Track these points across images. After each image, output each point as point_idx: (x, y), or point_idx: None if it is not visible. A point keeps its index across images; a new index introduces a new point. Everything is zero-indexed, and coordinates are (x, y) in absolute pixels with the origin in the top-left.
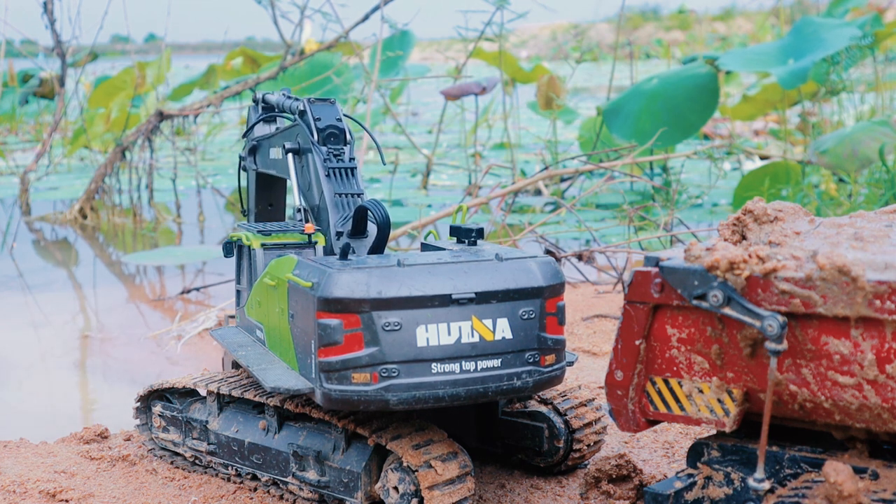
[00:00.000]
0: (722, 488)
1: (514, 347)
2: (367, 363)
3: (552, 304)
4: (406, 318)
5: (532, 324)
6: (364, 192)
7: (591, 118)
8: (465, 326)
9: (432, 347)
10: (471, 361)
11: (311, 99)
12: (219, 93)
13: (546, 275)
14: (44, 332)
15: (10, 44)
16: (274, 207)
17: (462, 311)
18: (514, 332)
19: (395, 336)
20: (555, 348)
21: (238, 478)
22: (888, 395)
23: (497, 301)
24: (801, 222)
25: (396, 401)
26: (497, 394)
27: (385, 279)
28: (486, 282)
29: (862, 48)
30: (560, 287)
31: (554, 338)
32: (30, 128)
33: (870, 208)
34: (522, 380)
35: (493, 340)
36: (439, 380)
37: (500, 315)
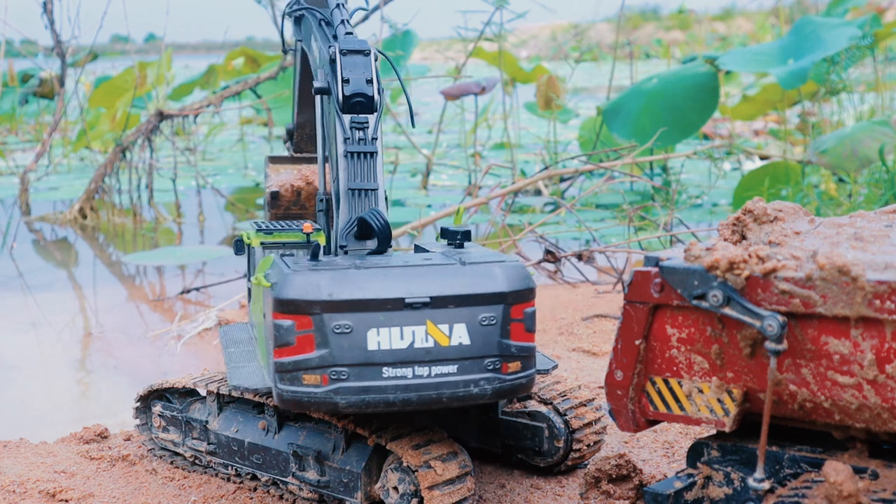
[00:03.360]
0: (722, 488)
1: (472, 353)
2: (317, 365)
3: (518, 310)
4: (357, 321)
5: (493, 330)
6: (379, 187)
7: (591, 118)
8: (418, 331)
9: (384, 351)
10: (424, 367)
11: (343, 49)
12: (219, 93)
13: (510, 280)
14: (44, 332)
15: (10, 44)
16: (312, 131)
17: (416, 316)
18: (473, 337)
19: (346, 339)
20: (520, 356)
21: (238, 478)
22: (888, 395)
23: (454, 306)
24: (801, 222)
25: (345, 404)
26: (452, 400)
27: (337, 281)
28: (443, 286)
29: (861, 48)
30: (527, 293)
31: (519, 345)
32: (30, 128)
33: (870, 208)
34: (480, 387)
35: (448, 346)
36: (390, 384)
37: (457, 320)
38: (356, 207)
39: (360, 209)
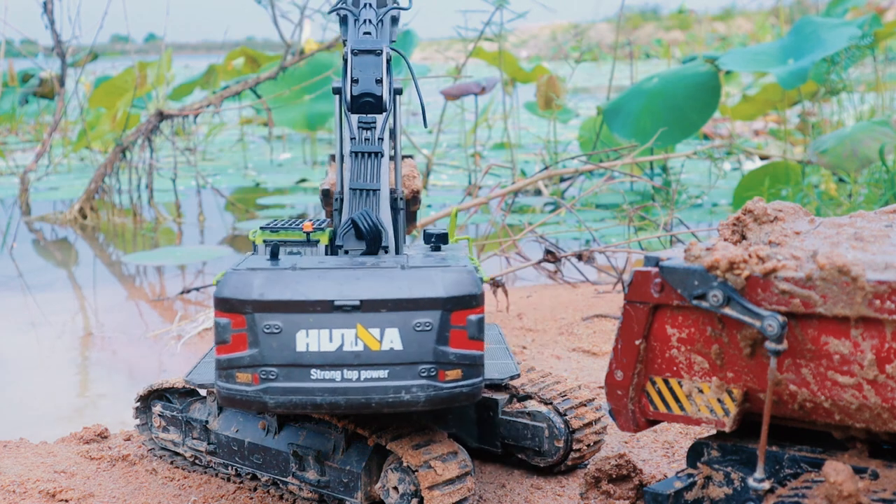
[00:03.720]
0: (722, 488)
1: (405, 359)
2: (248, 364)
3: (459, 316)
4: (287, 321)
5: (428, 336)
6: (382, 188)
7: (591, 118)
8: (348, 334)
9: (312, 353)
10: (353, 371)
11: (354, 49)
12: (219, 93)
13: (450, 286)
14: (44, 332)
15: (10, 44)
16: None
17: (346, 319)
18: (406, 343)
19: (276, 339)
20: (461, 364)
21: (238, 478)
22: (888, 395)
23: (386, 310)
24: (801, 222)
25: (274, 404)
26: (382, 406)
27: (270, 282)
28: (376, 290)
29: (861, 48)
30: (469, 299)
31: (460, 353)
32: (30, 128)
33: (870, 208)
34: (412, 394)
35: (379, 350)
36: (318, 387)
37: (389, 325)
38: (357, 207)
39: (361, 209)
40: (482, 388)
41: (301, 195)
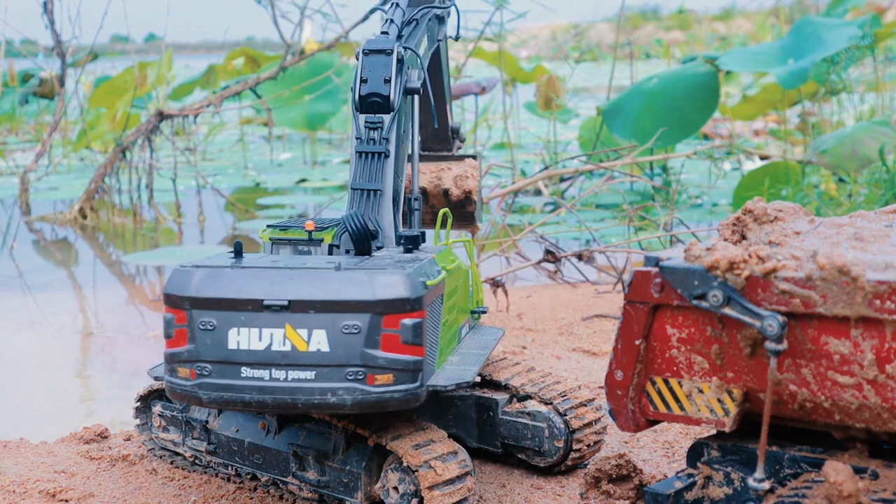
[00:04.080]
0: (722, 488)
1: (332, 361)
2: (186, 359)
3: (391, 320)
4: (220, 319)
5: (356, 339)
6: (385, 188)
7: (591, 118)
8: (277, 334)
9: (243, 351)
10: (281, 370)
11: (366, 49)
12: (219, 93)
13: (381, 289)
14: (44, 332)
15: (10, 44)
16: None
17: (275, 318)
18: (333, 345)
19: (210, 336)
20: (392, 368)
21: (238, 478)
22: (888, 395)
23: (315, 311)
24: (801, 222)
25: (207, 399)
26: (308, 407)
27: (208, 279)
28: (305, 291)
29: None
30: (402, 303)
31: (391, 357)
32: (30, 128)
33: (870, 208)
34: (339, 396)
35: (306, 351)
36: (247, 384)
37: (317, 326)
38: (357, 207)
39: (363, 209)
40: (420, 395)
41: (301, 195)
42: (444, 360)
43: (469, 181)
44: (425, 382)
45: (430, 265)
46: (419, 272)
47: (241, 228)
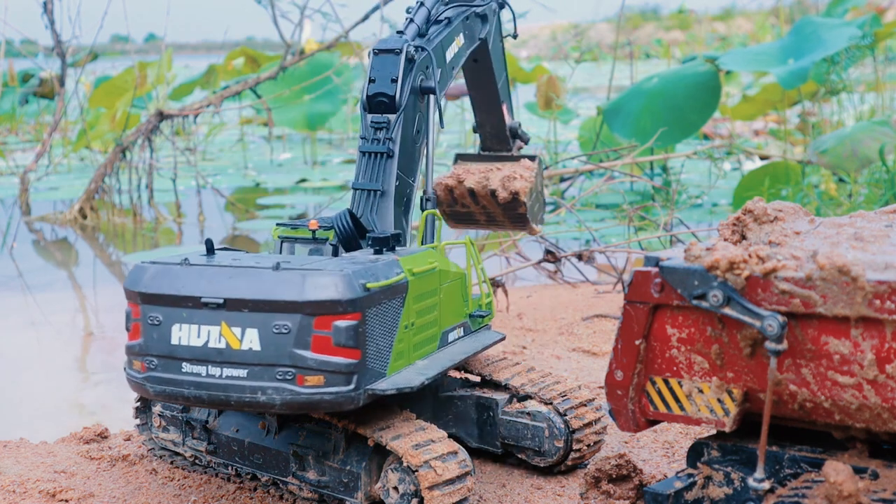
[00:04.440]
0: (722, 488)
1: (262, 360)
2: (138, 352)
3: (323, 322)
4: (165, 314)
5: (286, 339)
6: (387, 189)
7: (591, 118)
8: (213, 331)
9: (183, 347)
10: (216, 367)
11: (376, 49)
12: (219, 93)
13: (312, 290)
14: (44, 332)
15: (10, 44)
16: (493, 129)
17: (212, 316)
18: (264, 344)
19: (157, 331)
20: (322, 370)
21: (238, 478)
22: (888, 395)
23: (248, 310)
24: (801, 222)
25: (154, 392)
26: (240, 405)
27: (157, 276)
28: (240, 289)
29: (861, 48)
30: (334, 305)
31: (321, 359)
32: (30, 128)
33: (870, 208)
34: (268, 396)
35: (238, 349)
36: (186, 379)
37: (249, 325)
38: (358, 207)
39: (362, 208)
40: (355, 398)
41: (301, 195)
42: (405, 364)
43: (517, 182)
44: (364, 386)
45: (386, 267)
46: (362, 274)
47: (241, 228)
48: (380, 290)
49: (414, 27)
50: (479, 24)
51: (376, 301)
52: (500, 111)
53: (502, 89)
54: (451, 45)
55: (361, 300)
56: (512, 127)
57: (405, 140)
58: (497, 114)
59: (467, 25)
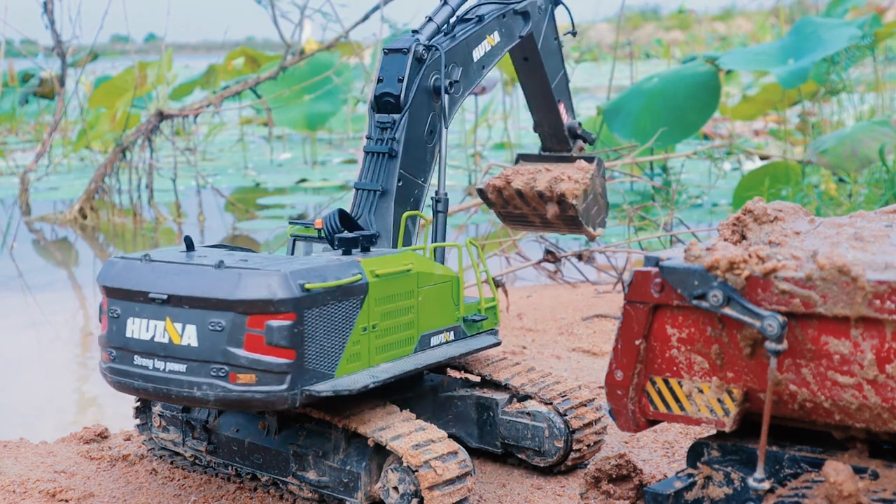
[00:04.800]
0: (722, 488)
1: (199, 357)
2: (104, 343)
3: (256, 321)
4: (123, 308)
5: (220, 336)
6: (388, 189)
7: (591, 118)
8: (159, 326)
9: (135, 340)
10: (161, 361)
11: (387, 48)
12: (219, 93)
13: (245, 289)
14: (44, 332)
15: (10, 44)
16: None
17: (158, 311)
18: (201, 341)
19: (116, 323)
20: (254, 368)
21: (238, 478)
22: (888, 395)
23: (189, 307)
24: (801, 222)
25: (112, 382)
26: (179, 399)
27: (120, 271)
28: (181, 286)
29: (861, 48)
30: (267, 304)
31: (253, 357)
32: (30, 128)
33: (870, 208)
34: (203, 391)
35: (179, 345)
36: (137, 372)
37: (189, 321)
38: (359, 206)
39: (361, 208)
40: (288, 398)
41: (301, 195)
42: (362, 366)
43: (563, 184)
44: (300, 386)
45: (340, 268)
46: (303, 274)
47: (241, 228)
48: (323, 290)
49: (432, 26)
50: (519, 22)
51: (319, 302)
52: (555, 110)
53: (557, 88)
54: (481, 43)
55: (298, 300)
56: (570, 126)
57: (413, 140)
58: (553, 113)
59: (503, 23)
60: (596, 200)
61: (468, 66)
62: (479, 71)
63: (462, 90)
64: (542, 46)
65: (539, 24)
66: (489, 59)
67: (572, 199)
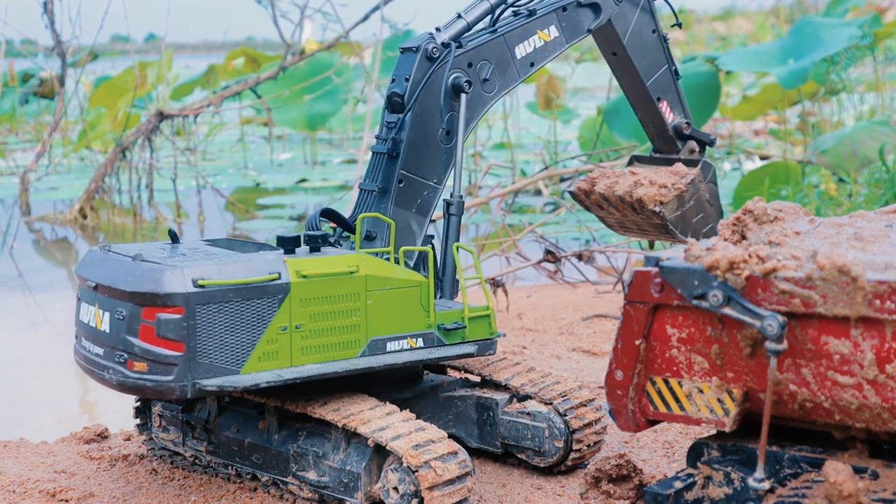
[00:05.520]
0: (722, 488)
1: (109, 342)
2: (75, 326)
3: (149, 312)
4: (82, 293)
5: (122, 325)
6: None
7: (591, 118)
8: (92, 311)
9: (81, 323)
10: (92, 344)
11: (402, 47)
12: (219, 93)
13: (137, 282)
14: (44, 332)
15: (10, 44)
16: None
17: (92, 297)
18: (111, 327)
19: (78, 307)
20: (146, 358)
21: (238, 478)
22: (888, 395)
23: (107, 295)
24: (801, 222)
25: (77, 362)
26: (100, 381)
27: (88, 259)
28: (104, 276)
29: (861, 48)
30: (154, 298)
31: (144, 347)
32: (30, 128)
33: (870, 208)
34: (110, 375)
35: (100, 330)
36: (81, 353)
37: (106, 308)
38: (360, 206)
39: (360, 208)
40: (176, 389)
41: (301, 195)
42: (279, 365)
43: (642, 189)
44: (191, 379)
45: (255, 266)
46: (203, 271)
47: (241, 228)
48: (221, 288)
49: (461, 24)
50: (586, 15)
51: (217, 298)
52: (654, 109)
53: (657, 85)
54: (529, 38)
55: (189, 296)
56: (676, 126)
57: (422, 140)
58: (652, 112)
59: (564, 17)
60: (701, 207)
61: (507, 64)
62: (524, 68)
63: (497, 89)
64: (630, 41)
65: (624, 17)
66: (541, 56)
67: (652, 205)
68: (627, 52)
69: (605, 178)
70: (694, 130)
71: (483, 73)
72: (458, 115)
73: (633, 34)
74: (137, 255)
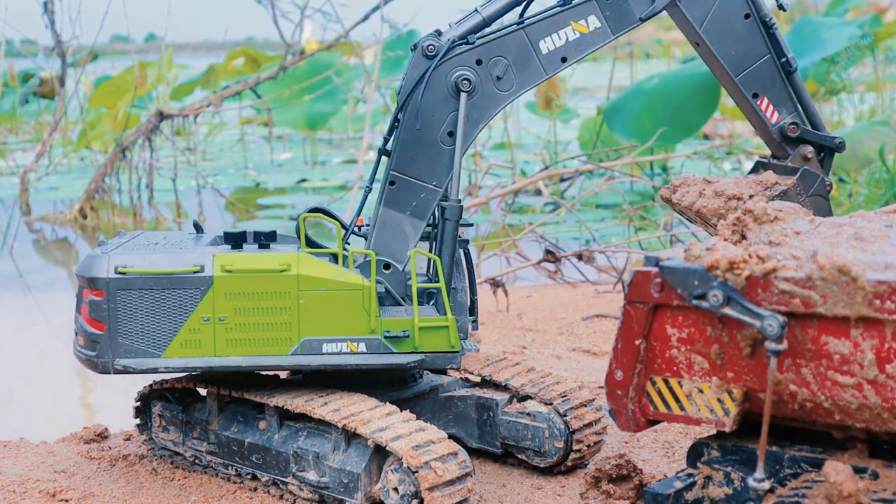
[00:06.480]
0: (722, 488)
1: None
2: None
3: (85, 294)
4: None
5: (77, 304)
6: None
7: (591, 118)
8: None
9: None
10: None
11: (412, 45)
12: (219, 93)
13: (82, 267)
14: (44, 332)
15: (10, 44)
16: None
17: None
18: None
19: None
20: (83, 333)
21: (238, 478)
22: (888, 395)
23: None
24: (801, 222)
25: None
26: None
27: None
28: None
29: (861, 48)
30: (86, 281)
31: (81, 324)
32: (30, 128)
33: (870, 208)
34: (73, 348)
35: None
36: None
37: None
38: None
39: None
40: (98, 364)
41: (301, 195)
42: (202, 354)
43: (702, 199)
44: (113, 357)
45: (179, 257)
46: (127, 259)
47: (241, 228)
48: (140, 276)
49: (476, 19)
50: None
51: (137, 285)
52: (749, 107)
53: (751, 78)
54: (558, 31)
55: (108, 281)
56: (781, 127)
57: (416, 140)
58: (748, 109)
59: (607, 5)
60: None
61: (528, 60)
62: (553, 64)
63: (515, 87)
64: (709, 28)
65: (697, 1)
66: (576, 50)
67: (715, 219)
68: (706, 42)
69: (685, 185)
70: (806, 132)
71: (496, 71)
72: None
73: (714, 21)
74: (101, 242)
